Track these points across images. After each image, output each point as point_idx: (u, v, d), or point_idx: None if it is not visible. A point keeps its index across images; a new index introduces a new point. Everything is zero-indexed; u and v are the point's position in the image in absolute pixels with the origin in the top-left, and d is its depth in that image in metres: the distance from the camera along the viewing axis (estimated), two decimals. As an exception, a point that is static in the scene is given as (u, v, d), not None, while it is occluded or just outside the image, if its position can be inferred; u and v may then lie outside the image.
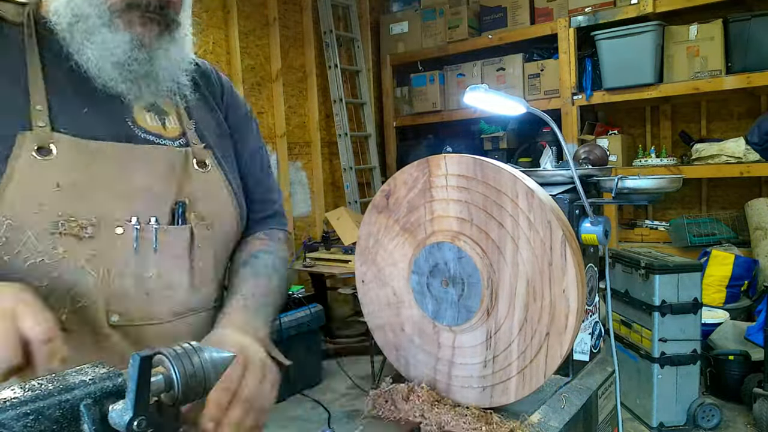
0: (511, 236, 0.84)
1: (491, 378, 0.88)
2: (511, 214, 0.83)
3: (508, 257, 0.84)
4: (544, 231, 0.80)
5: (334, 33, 4.44)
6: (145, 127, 0.89)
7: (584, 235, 1.03)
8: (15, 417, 0.38)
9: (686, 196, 4.18)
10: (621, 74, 3.69)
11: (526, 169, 1.15)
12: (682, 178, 1.11)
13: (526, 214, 0.82)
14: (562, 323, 0.80)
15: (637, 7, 3.67)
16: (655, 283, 2.56)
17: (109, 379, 0.43)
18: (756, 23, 3.32)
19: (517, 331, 0.85)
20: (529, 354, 0.83)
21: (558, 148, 3.32)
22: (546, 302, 0.81)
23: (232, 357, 0.50)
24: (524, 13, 4.26)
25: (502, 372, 0.87)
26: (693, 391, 2.63)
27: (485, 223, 0.86)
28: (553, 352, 0.81)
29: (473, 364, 0.90)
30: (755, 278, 3.33)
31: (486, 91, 1.11)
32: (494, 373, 0.88)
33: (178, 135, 0.92)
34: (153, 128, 0.89)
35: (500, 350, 0.86)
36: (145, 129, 0.88)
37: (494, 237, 0.85)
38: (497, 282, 0.86)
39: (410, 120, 4.92)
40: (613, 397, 1.12)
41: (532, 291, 0.82)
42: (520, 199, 0.82)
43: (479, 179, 0.86)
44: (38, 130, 0.77)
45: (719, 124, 4.07)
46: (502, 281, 0.85)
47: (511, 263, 0.84)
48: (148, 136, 0.88)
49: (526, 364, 0.84)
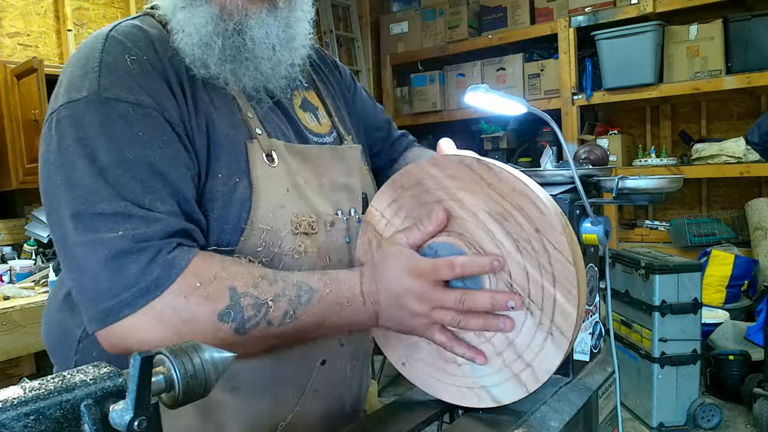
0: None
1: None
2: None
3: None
4: None
5: (334, 33, 4.44)
6: (307, 126, 0.91)
7: (584, 235, 1.03)
8: (15, 417, 0.38)
9: (686, 196, 4.18)
10: (621, 74, 3.69)
11: (526, 169, 1.15)
12: (682, 178, 1.11)
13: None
14: None
15: (637, 7, 3.67)
16: (655, 283, 2.56)
17: (109, 379, 0.43)
18: (756, 23, 3.32)
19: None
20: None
21: (558, 148, 3.32)
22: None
23: (232, 357, 0.50)
24: (524, 13, 4.26)
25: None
26: (693, 391, 2.64)
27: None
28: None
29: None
30: (755, 278, 3.34)
31: (486, 91, 1.11)
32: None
33: (329, 130, 0.96)
34: (314, 128, 0.93)
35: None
36: (309, 129, 0.91)
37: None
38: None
39: (410, 120, 4.92)
40: (613, 397, 1.12)
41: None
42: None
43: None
44: (259, 137, 0.80)
45: (719, 124, 4.07)
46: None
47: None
48: (314, 137, 0.91)
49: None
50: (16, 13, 2.93)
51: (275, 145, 0.81)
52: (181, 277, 0.68)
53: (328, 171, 0.89)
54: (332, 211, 0.88)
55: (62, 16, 3.07)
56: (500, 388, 0.76)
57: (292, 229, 0.80)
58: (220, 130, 0.77)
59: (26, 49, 2.96)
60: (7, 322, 2.15)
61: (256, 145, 0.79)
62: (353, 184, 0.93)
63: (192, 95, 0.77)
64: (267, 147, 0.80)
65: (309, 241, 0.83)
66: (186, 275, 0.68)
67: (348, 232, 0.88)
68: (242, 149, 0.78)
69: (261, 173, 0.78)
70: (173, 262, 0.68)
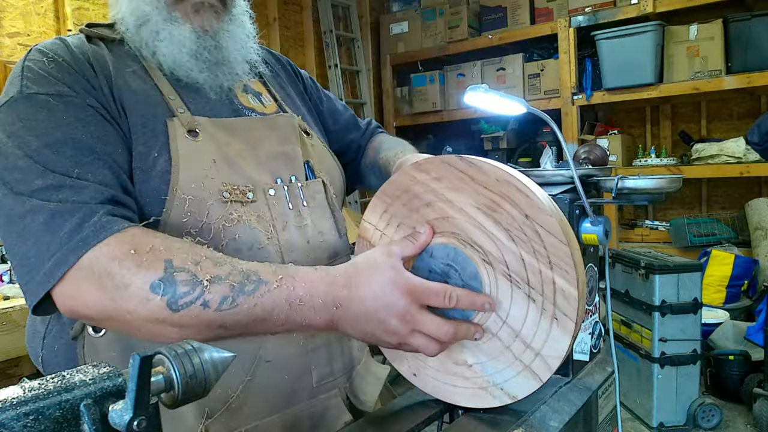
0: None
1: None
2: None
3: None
4: None
5: (334, 33, 4.44)
6: (248, 105, 0.96)
7: (584, 235, 1.03)
8: (15, 417, 0.38)
9: (686, 196, 4.18)
10: (621, 74, 3.69)
11: (526, 169, 1.15)
12: (682, 178, 1.11)
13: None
14: None
15: (637, 7, 3.67)
16: (655, 283, 2.56)
17: (109, 379, 0.43)
18: (756, 23, 3.32)
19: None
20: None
21: (558, 148, 3.32)
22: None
23: (232, 357, 0.50)
24: (524, 13, 4.26)
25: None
26: (693, 391, 2.64)
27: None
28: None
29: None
30: (755, 278, 3.34)
31: (486, 91, 1.11)
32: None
33: (275, 111, 1.00)
34: (255, 107, 0.97)
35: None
36: (250, 108, 0.96)
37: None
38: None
39: (410, 120, 4.92)
40: (613, 397, 1.12)
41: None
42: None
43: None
44: (181, 115, 0.85)
45: (719, 124, 4.07)
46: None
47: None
48: (252, 113, 0.96)
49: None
50: (16, 13, 2.93)
51: (198, 120, 0.86)
52: (114, 240, 0.69)
53: (264, 141, 0.92)
54: (271, 179, 0.90)
55: (62, 16, 3.07)
56: (513, 382, 0.76)
57: (220, 198, 0.82)
58: (136, 113, 0.83)
59: (26, 49, 2.96)
60: (7, 322, 2.15)
61: (176, 122, 0.84)
62: (290, 152, 0.95)
63: (109, 87, 0.83)
64: (189, 123, 0.84)
65: (244, 209, 0.84)
66: (120, 240, 0.69)
67: (290, 200, 0.91)
68: (162, 127, 0.83)
69: (182, 146, 0.82)
70: (105, 225, 0.70)
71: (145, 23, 0.87)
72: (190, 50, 0.87)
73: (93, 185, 0.73)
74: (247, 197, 0.85)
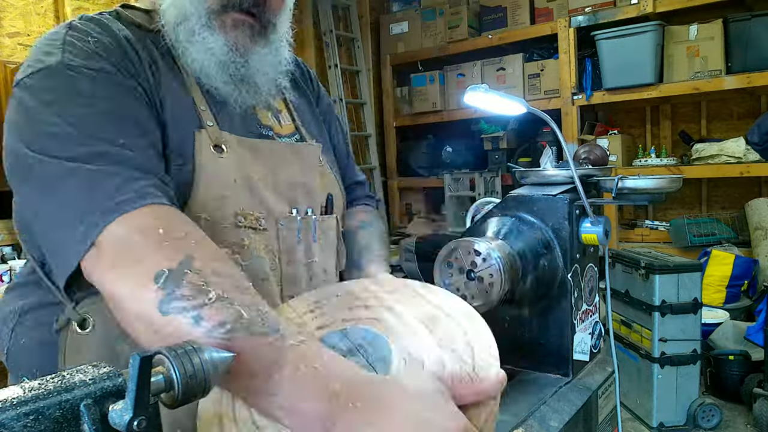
0: None
1: None
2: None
3: None
4: None
5: (334, 33, 4.44)
6: (266, 123, 0.93)
7: (584, 235, 1.03)
8: (15, 417, 0.38)
9: (686, 196, 4.18)
10: (621, 74, 3.69)
11: (526, 169, 1.16)
12: (682, 178, 1.11)
13: None
14: None
15: (637, 7, 3.67)
16: (655, 283, 2.56)
17: (109, 379, 0.43)
18: (756, 23, 3.32)
19: None
20: None
21: (558, 148, 3.31)
22: None
23: (232, 357, 0.50)
24: (524, 13, 4.26)
25: None
26: (693, 391, 2.63)
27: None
28: None
29: None
30: (755, 278, 3.33)
31: (486, 91, 1.11)
32: None
33: (292, 131, 0.97)
34: (272, 125, 0.94)
35: None
36: (267, 126, 0.93)
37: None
38: None
39: (410, 120, 4.92)
40: (613, 397, 1.12)
41: None
42: None
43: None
44: (209, 128, 0.82)
45: (719, 124, 4.07)
46: None
47: None
48: (269, 131, 0.93)
49: None
50: (16, 13, 2.93)
51: (225, 137, 0.83)
52: (150, 210, 0.64)
53: (285, 168, 0.89)
54: (287, 209, 0.88)
55: (62, 16, 3.07)
56: None
57: (234, 222, 0.80)
58: (172, 110, 0.80)
59: (26, 49, 2.96)
60: (7, 322, 2.15)
61: (204, 135, 0.81)
62: (310, 183, 0.92)
63: (155, 78, 0.80)
64: (216, 138, 0.82)
65: (257, 236, 0.82)
66: (156, 214, 0.65)
67: (300, 232, 0.88)
68: (190, 136, 0.80)
69: (206, 160, 0.79)
70: (146, 194, 0.66)
71: (184, 22, 0.84)
72: (219, 60, 0.85)
73: (139, 155, 0.70)
74: (260, 224, 0.83)
